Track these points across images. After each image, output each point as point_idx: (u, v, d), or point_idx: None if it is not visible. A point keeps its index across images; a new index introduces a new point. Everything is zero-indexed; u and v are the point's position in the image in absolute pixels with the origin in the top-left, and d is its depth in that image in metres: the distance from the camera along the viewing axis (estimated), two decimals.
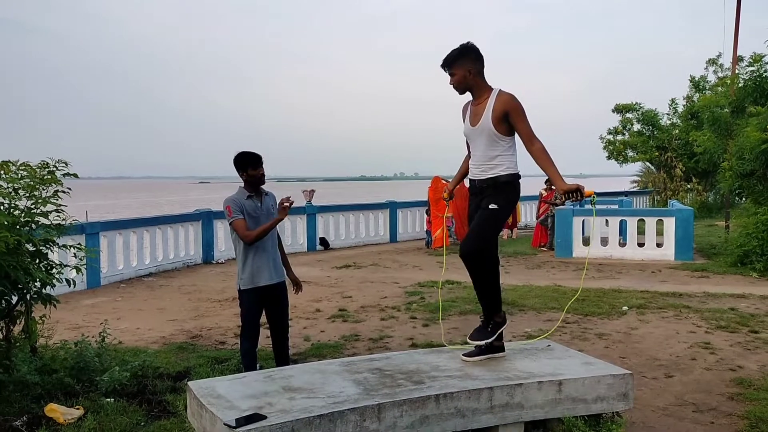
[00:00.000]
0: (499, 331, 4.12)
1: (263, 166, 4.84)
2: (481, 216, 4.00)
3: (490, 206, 3.97)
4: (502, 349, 4.22)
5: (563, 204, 15.26)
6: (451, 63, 4.01)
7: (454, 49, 4.01)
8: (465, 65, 3.98)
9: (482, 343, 4.08)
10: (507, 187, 4.01)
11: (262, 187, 4.91)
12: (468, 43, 4.04)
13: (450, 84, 4.07)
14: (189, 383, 3.79)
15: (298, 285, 5.20)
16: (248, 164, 4.80)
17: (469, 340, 4.12)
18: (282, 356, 5.06)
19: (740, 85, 15.10)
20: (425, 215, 16.87)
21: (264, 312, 4.95)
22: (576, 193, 3.83)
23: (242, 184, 4.90)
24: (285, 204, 4.71)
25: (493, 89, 4.01)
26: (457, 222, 15.30)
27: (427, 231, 16.64)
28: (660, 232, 13.59)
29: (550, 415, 3.73)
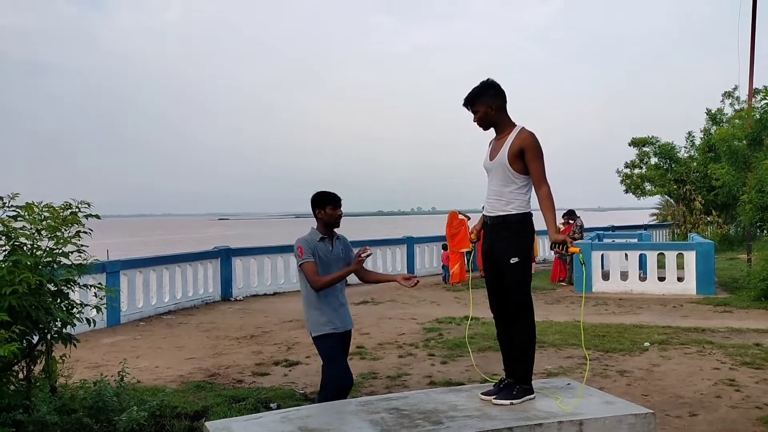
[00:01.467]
0: (526, 398, 4.05)
1: (341, 208, 4.72)
2: (508, 274, 4.00)
3: (510, 261, 3.97)
4: (531, 391, 4.15)
5: (582, 238, 15.17)
6: (472, 100, 4.05)
7: (475, 87, 4.05)
8: (486, 102, 4.02)
9: (507, 402, 4.00)
10: (517, 227, 3.99)
11: (335, 230, 4.78)
12: (488, 79, 4.07)
13: (474, 121, 4.11)
14: (206, 423, 3.79)
15: (408, 278, 4.65)
16: (328, 202, 4.67)
17: (494, 402, 4.03)
18: None
19: (757, 117, 15.06)
20: (442, 250, 16.84)
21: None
22: (561, 246, 3.91)
23: (315, 225, 4.76)
24: (362, 256, 4.58)
25: (516, 126, 4.04)
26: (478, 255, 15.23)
27: (444, 266, 16.60)
28: (681, 266, 13.43)
29: None
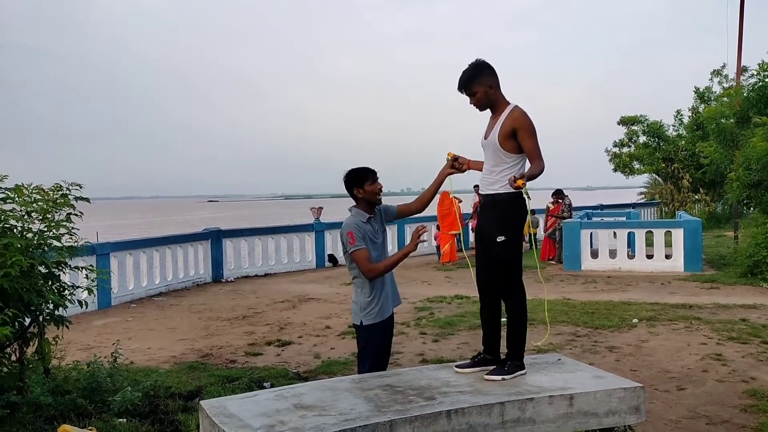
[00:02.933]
0: (518, 374, 4.07)
1: (378, 179, 4.32)
2: (495, 252, 4.00)
3: (497, 239, 3.97)
4: (523, 366, 4.18)
5: (571, 217, 15.26)
6: (468, 83, 3.97)
7: (467, 70, 3.98)
8: (484, 82, 3.95)
9: (499, 378, 4.03)
10: (506, 206, 3.96)
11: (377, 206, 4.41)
12: (479, 60, 4.01)
13: (471, 104, 4.04)
14: (201, 402, 3.81)
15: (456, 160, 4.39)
16: (366, 178, 4.28)
17: (485, 377, 4.06)
18: None
19: (744, 95, 15.12)
20: (435, 230, 16.89)
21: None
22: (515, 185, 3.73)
23: (355, 204, 4.37)
24: (420, 233, 4.27)
25: (509, 104, 3.98)
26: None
27: (437, 246, 16.67)
28: (668, 244, 13.56)
29: (562, 430, 3.71)
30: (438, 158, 4.56)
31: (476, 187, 4.48)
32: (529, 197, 3.90)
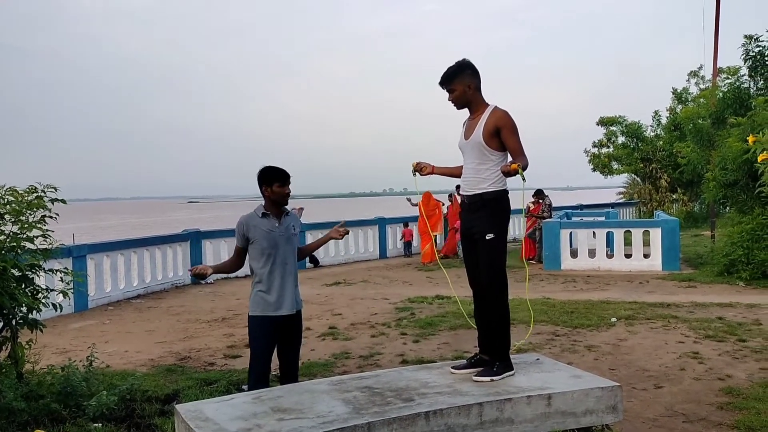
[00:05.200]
0: (506, 374, 4.07)
1: (290, 185, 4.50)
2: (483, 250, 4.03)
3: (486, 237, 4.00)
4: (511, 367, 4.18)
5: (550, 217, 15.36)
6: (449, 80, 4.07)
7: (451, 66, 4.07)
8: (464, 81, 4.05)
9: (488, 379, 4.03)
10: (494, 204, 4.03)
11: (284, 207, 4.57)
12: (464, 59, 4.10)
13: (449, 100, 4.13)
14: (177, 406, 3.77)
15: (340, 228, 4.67)
16: (275, 180, 4.43)
17: (474, 379, 4.06)
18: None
19: (720, 96, 15.33)
20: (403, 227, 17.25)
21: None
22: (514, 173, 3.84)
23: (263, 202, 4.53)
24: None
25: (489, 105, 4.08)
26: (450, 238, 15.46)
27: (406, 242, 16.95)
28: (647, 243, 13.70)
29: (540, 430, 3.73)
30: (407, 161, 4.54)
31: (458, 187, 4.51)
32: (524, 179, 3.93)
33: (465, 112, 4.21)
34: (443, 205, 16.68)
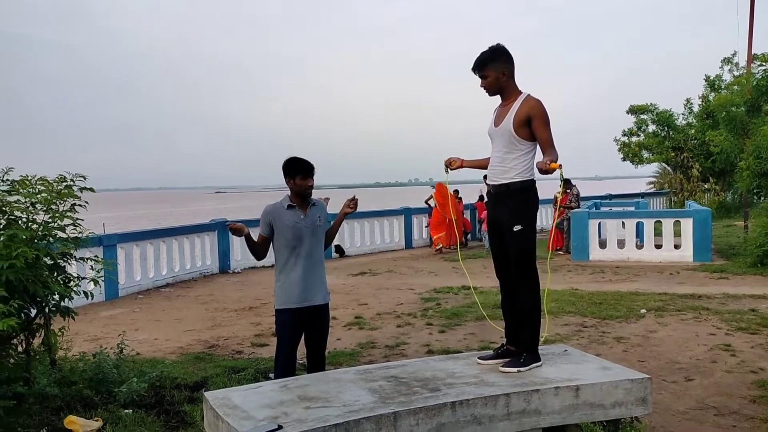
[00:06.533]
0: (534, 365, 4.03)
1: (313, 177, 4.47)
2: (512, 242, 3.98)
3: (514, 229, 3.94)
4: (538, 358, 4.14)
5: (578, 207, 15.18)
6: (483, 65, 3.97)
7: (485, 52, 3.97)
8: (498, 67, 3.95)
9: (515, 370, 4.00)
10: (521, 194, 3.96)
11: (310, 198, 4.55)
12: (498, 45, 4.00)
13: (481, 86, 4.03)
14: (205, 393, 3.81)
15: (350, 200, 4.64)
16: (298, 172, 4.42)
17: (501, 369, 4.03)
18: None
19: (755, 83, 14.97)
20: (428, 217, 17.28)
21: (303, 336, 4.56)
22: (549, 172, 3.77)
23: (289, 193, 4.55)
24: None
25: (522, 93, 3.98)
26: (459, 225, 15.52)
27: (431, 237, 17.00)
28: (677, 234, 13.46)
29: (568, 421, 3.69)
30: (447, 150, 4.51)
31: (485, 177, 4.51)
32: (563, 178, 3.92)
33: (496, 100, 4.14)
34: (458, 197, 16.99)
